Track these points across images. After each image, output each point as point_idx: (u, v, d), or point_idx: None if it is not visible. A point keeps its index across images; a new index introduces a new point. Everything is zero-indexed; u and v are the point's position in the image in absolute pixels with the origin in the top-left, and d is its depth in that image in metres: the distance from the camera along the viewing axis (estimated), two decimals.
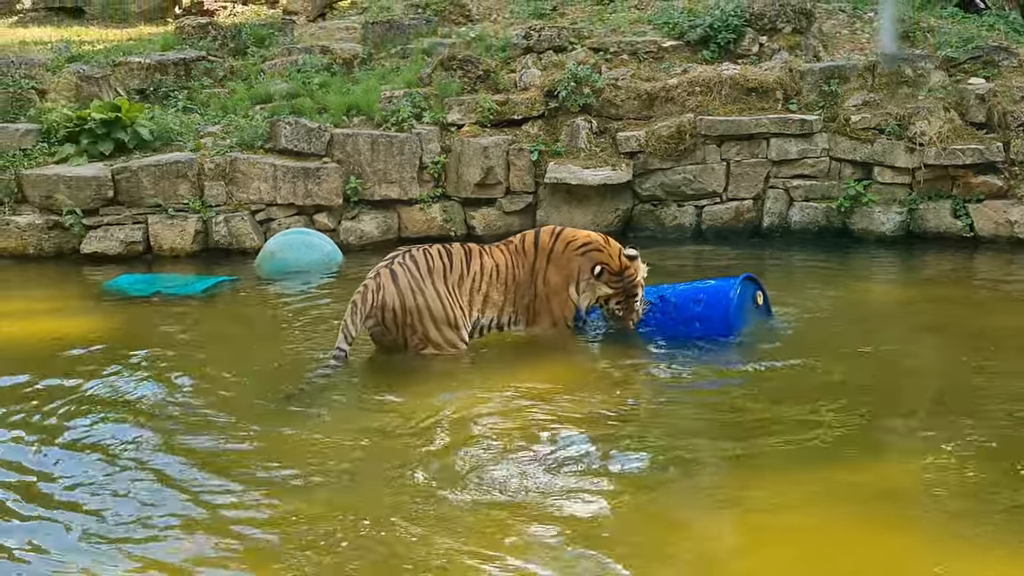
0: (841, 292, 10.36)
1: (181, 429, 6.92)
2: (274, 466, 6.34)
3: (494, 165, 12.50)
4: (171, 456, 6.47)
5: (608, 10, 15.09)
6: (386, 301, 7.97)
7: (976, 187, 12.14)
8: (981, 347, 8.59)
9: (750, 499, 5.92)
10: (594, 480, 6.17)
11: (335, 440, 6.74)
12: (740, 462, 6.45)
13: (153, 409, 7.28)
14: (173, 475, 6.19)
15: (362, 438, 6.78)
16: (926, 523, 5.70)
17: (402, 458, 6.43)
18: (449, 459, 6.41)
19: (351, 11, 17.42)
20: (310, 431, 6.84)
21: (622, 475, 6.22)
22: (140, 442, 6.70)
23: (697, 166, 12.57)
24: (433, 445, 6.65)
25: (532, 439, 6.72)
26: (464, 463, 6.34)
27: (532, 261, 8.40)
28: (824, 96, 12.74)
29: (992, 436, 6.79)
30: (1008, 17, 14.21)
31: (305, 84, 13.49)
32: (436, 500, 5.86)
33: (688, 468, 6.36)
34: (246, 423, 7.03)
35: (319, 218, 12.34)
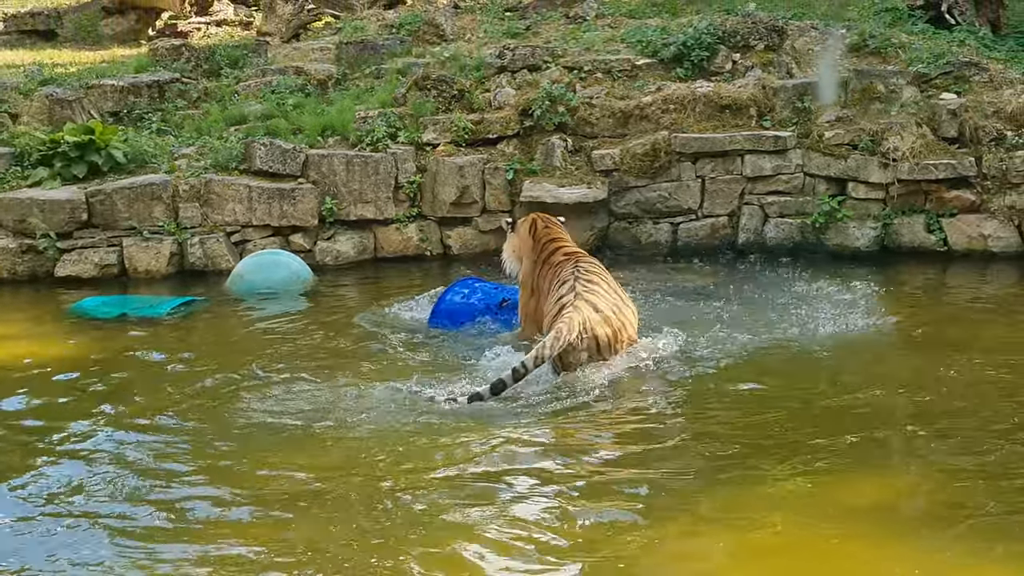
0: (816, 308, 10.37)
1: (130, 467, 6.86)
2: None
3: (470, 184, 12.50)
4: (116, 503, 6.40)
5: (581, 29, 15.12)
6: (597, 334, 7.97)
7: (949, 202, 12.21)
8: (958, 361, 8.65)
9: (736, 518, 5.96)
10: (583, 500, 6.18)
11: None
12: (725, 480, 6.47)
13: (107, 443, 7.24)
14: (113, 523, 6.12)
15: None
16: (909, 539, 5.74)
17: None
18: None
19: (325, 32, 17.41)
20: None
21: (608, 496, 6.23)
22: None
23: (672, 183, 12.60)
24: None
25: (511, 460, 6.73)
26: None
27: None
28: (797, 112, 12.80)
29: (972, 451, 6.84)
30: (978, 33, 14.29)
31: (280, 105, 13.48)
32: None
33: (671, 485, 6.37)
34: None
35: (295, 239, 12.32)
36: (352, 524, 5.93)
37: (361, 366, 8.73)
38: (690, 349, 8.75)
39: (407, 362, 8.79)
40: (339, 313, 10.60)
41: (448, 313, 9.76)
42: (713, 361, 8.55)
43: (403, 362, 8.82)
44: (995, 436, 7.06)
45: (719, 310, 10.09)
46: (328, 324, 10.13)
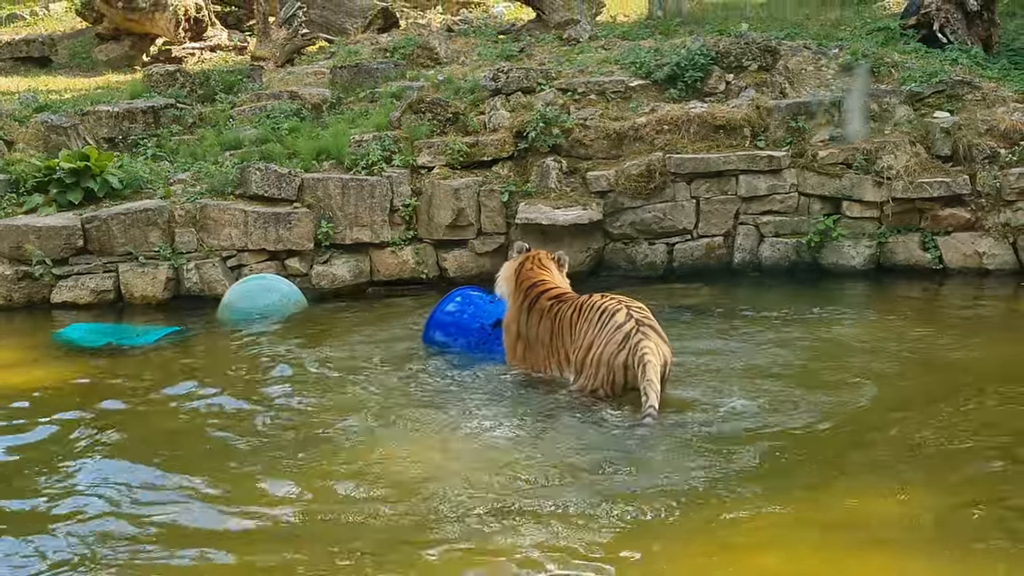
0: (812, 327, 10.40)
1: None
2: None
3: (465, 207, 12.51)
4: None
5: (575, 51, 15.17)
6: (667, 356, 7.97)
7: (944, 220, 12.25)
8: (952, 379, 8.67)
9: (723, 534, 5.97)
10: (573, 518, 6.18)
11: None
12: (713, 495, 6.47)
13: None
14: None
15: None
16: (893, 556, 5.74)
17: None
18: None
19: (319, 56, 17.47)
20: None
21: (598, 515, 6.22)
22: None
23: (667, 204, 12.62)
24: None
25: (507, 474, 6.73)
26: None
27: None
28: (791, 132, 12.84)
29: (961, 468, 6.86)
30: (970, 51, 14.34)
31: (275, 129, 13.51)
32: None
33: (658, 502, 6.37)
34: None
35: (291, 263, 12.32)
36: (357, 550, 5.93)
37: (354, 391, 8.73)
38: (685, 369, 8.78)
39: (400, 387, 8.78)
40: (334, 336, 10.59)
41: (441, 324, 9.76)
42: (705, 380, 8.61)
43: (396, 387, 8.82)
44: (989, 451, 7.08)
45: (715, 328, 10.14)
46: (322, 348, 10.11)
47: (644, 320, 8.03)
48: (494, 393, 8.49)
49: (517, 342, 8.81)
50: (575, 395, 8.17)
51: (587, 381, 8.09)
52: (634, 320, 7.98)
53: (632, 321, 7.97)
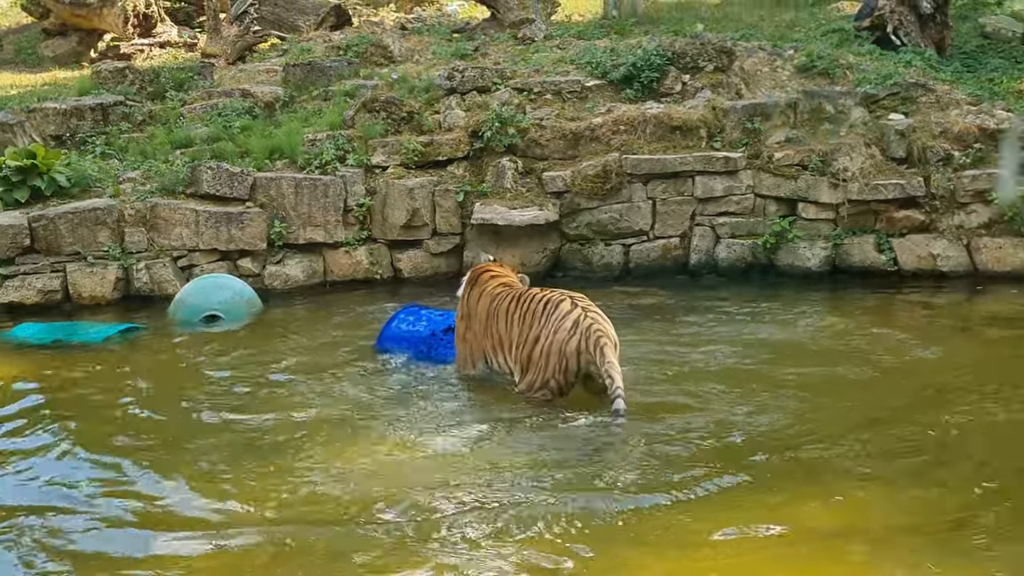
0: (769, 327, 10.41)
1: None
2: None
3: (420, 207, 12.40)
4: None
5: (530, 50, 15.09)
6: (616, 341, 7.98)
7: (899, 221, 12.27)
8: (907, 381, 8.72)
9: (685, 536, 5.97)
10: (534, 521, 6.11)
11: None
12: (674, 498, 6.46)
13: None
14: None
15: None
16: (856, 558, 5.76)
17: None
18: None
19: (271, 54, 17.27)
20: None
21: (560, 517, 6.16)
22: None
23: (623, 205, 12.56)
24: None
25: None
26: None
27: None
28: (747, 133, 12.82)
29: (920, 472, 6.89)
30: (924, 54, 14.39)
31: (226, 128, 13.32)
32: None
33: (620, 507, 6.33)
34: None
35: (243, 263, 12.15)
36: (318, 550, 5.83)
37: (306, 393, 8.64)
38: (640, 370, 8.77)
39: (353, 389, 8.71)
40: (286, 337, 10.47)
41: (394, 338, 9.68)
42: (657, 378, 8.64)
43: (349, 389, 8.75)
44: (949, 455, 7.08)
45: (670, 330, 10.19)
46: (274, 349, 9.99)
47: (589, 307, 8.04)
48: (453, 395, 8.46)
49: (461, 321, 8.84)
50: (524, 395, 8.13)
51: (536, 375, 8.04)
52: (580, 308, 7.98)
53: (578, 308, 7.97)
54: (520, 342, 8.19)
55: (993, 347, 9.97)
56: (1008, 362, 9.35)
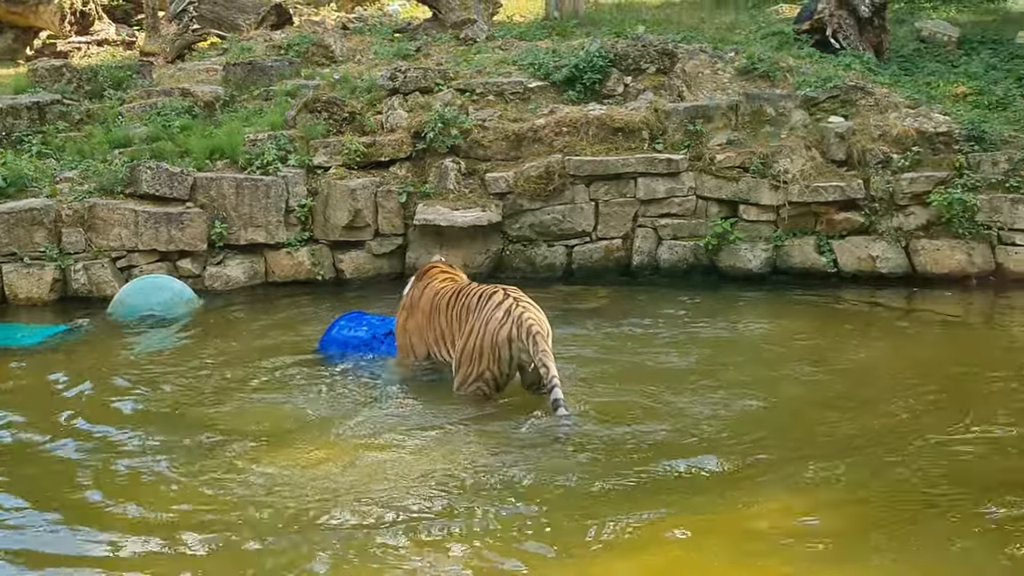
0: (711, 328, 10.47)
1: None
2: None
3: (362, 208, 12.35)
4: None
5: (472, 51, 15.06)
6: (549, 331, 8.00)
7: (839, 223, 12.37)
8: (847, 380, 8.82)
9: (634, 538, 5.97)
10: (475, 526, 6.10)
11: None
12: (622, 500, 6.45)
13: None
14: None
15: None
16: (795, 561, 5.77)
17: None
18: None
19: (211, 52, 17.11)
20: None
21: (502, 521, 6.16)
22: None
23: (566, 206, 12.57)
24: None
25: None
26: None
27: None
28: (689, 135, 12.88)
29: (860, 471, 6.94)
30: (863, 57, 14.54)
31: (166, 127, 13.18)
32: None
33: (564, 512, 6.32)
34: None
35: (183, 264, 12.04)
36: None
37: (247, 396, 8.57)
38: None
39: (292, 393, 8.62)
40: (226, 339, 10.37)
41: (336, 341, 9.64)
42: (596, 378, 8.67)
43: (291, 389, 8.69)
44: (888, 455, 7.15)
45: (610, 331, 10.24)
46: (214, 351, 9.90)
47: (521, 298, 8.08)
48: (395, 399, 8.38)
49: (403, 311, 8.88)
50: (459, 391, 8.12)
51: (471, 367, 8.04)
52: (512, 298, 8.02)
53: (510, 299, 8.01)
54: (454, 333, 8.24)
55: (929, 347, 10.08)
56: (943, 363, 9.44)
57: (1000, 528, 6.08)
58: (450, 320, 8.33)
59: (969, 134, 12.37)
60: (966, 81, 14.08)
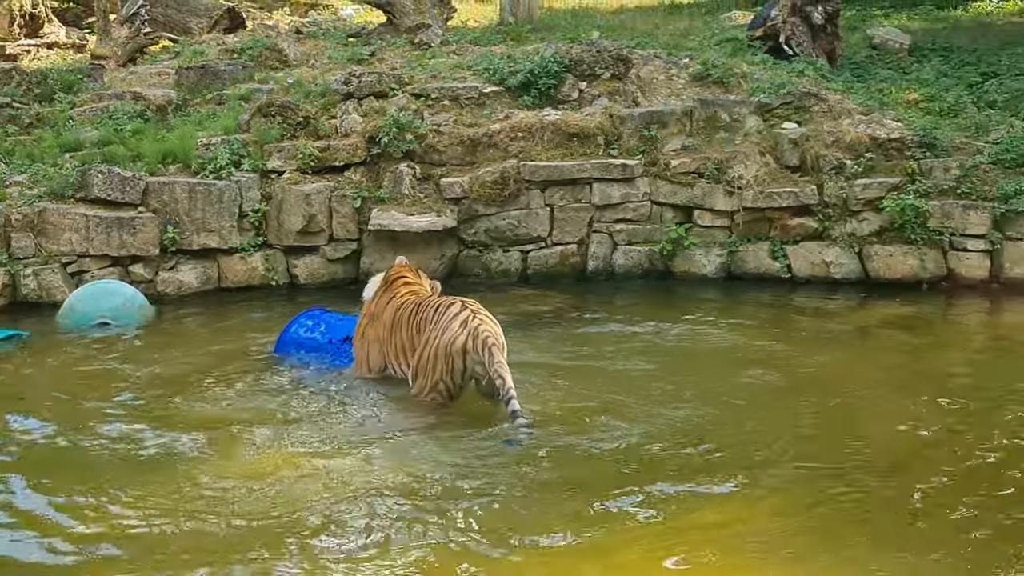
0: (666, 334, 10.49)
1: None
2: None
3: (316, 212, 12.28)
4: None
5: (427, 56, 15.02)
6: (504, 344, 7.95)
7: (792, 229, 12.44)
8: (801, 385, 8.89)
9: (584, 547, 5.98)
10: (423, 536, 6.10)
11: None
12: (574, 508, 6.45)
13: None
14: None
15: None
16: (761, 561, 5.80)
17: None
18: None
19: (163, 56, 16.96)
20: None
21: (452, 530, 6.15)
22: None
23: (521, 211, 12.56)
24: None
25: None
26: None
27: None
28: (644, 141, 12.90)
29: (816, 475, 6.98)
30: (816, 64, 14.63)
31: (117, 131, 13.03)
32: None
33: (518, 516, 6.30)
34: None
35: (135, 269, 11.91)
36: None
37: (195, 403, 8.49)
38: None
39: (245, 400, 8.55)
40: (178, 345, 10.26)
41: (293, 343, 9.58)
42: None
43: (242, 397, 8.61)
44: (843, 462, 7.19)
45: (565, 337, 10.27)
46: (165, 357, 9.79)
47: (479, 310, 8.04)
48: (349, 407, 8.32)
49: (365, 318, 8.81)
50: (417, 399, 8.08)
51: (426, 378, 8.01)
52: (469, 310, 7.99)
53: (467, 310, 7.98)
54: (414, 347, 8.19)
55: (882, 352, 10.16)
56: (895, 366, 9.52)
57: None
58: (410, 334, 8.27)
59: (921, 140, 12.48)
60: (918, 88, 14.21)
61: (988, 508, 6.45)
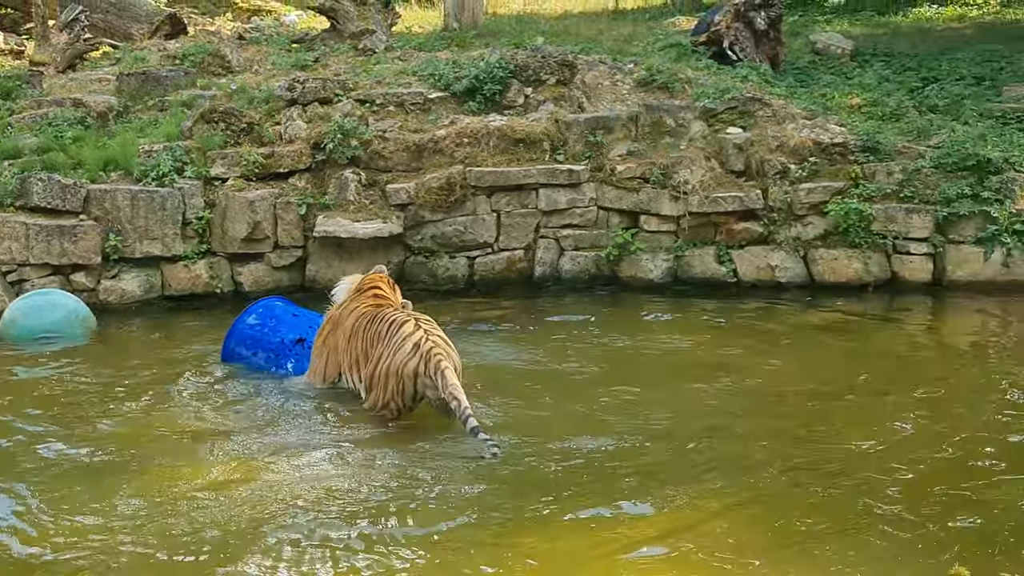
0: (612, 338, 10.50)
1: None
2: None
3: (261, 219, 12.17)
4: None
5: (371, 61, 14.94)
6: (458, 366, 7.88)
7: (738, 233, 12.49)
8: (747, 388, 8.98)
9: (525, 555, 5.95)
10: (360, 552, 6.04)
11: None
12: (522, 518, 6.46)
13: None
14: None
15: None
16: None
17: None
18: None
19: (104, 62, 16.76)
20: None
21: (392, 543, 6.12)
22: None
23: (468, 217, 12.52)
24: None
25: None
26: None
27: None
28: (590, 146, 12.91)
29: (765, 479, 7.05)
30: (760, 69, 14.71)
31: (57, 138, 12.85)
32: None
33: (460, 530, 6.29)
34: None
35: (76, 278, 11.75)
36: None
37: (137, 411, 8.42)
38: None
39: (187, 411, 8.46)
40: (120, 355, 10.15)
41: (241, 339, 9.50)
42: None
43: (187, 407, 8.53)
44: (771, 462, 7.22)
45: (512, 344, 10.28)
46: (107, 366, 9.66)
47: (432, 331, 7.97)
48: (296, 418, 8.23)
49: (328, 323, 8.69)
50: (369, 413, 8.04)
51: (378, 395, 7.95)
52: (423, 330, 7.90)
53: (421, 331, 7.89)
54: (366, 361, 8.10)
55: (827, 354, 10.23)
56: (838, 369, 9.59)
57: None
58: (364, 346, 8.19)
59: (864, 145, 12.58)
60: (860, 92, 14.33)
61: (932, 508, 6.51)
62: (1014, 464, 7.24)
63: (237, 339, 9.56)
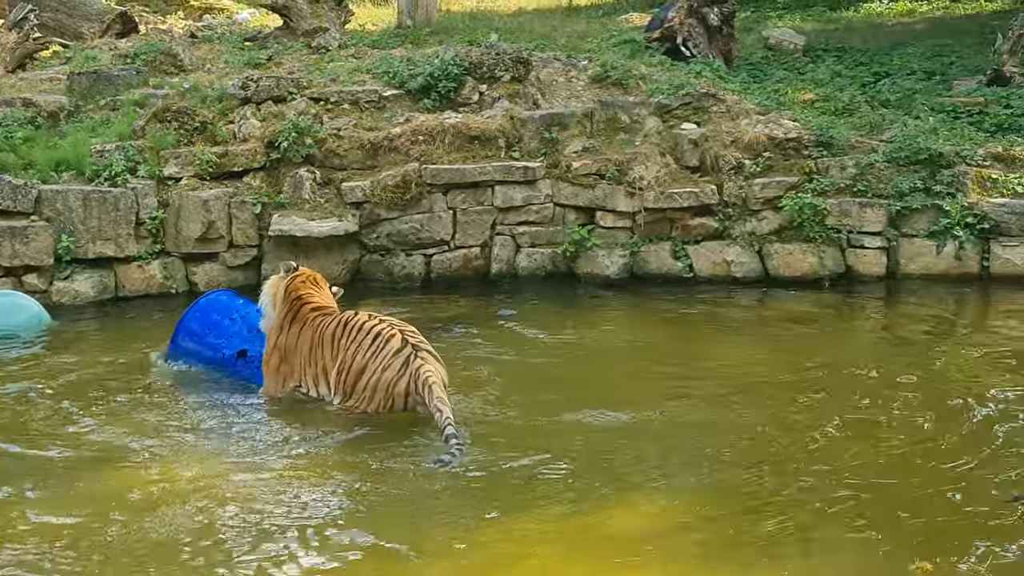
0: (569, 335, 10.52)
1: None
2: None
3: (215, 219, 12.10)
4: None
5: (325, 59, 14.87)
6: (445, 379, 7.83)
7: (694, 229, 12.54)
8: (704, 381, 9.02)
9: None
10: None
11: None
12: (462, 512, 6.50)
13: None
14: None
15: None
16: None
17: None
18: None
19: (54, 61, 16.58)
20: None
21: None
22: None
23: (424, 215, 12.50)
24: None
25: None
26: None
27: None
28: (545, 143, 12.92)
29: (728, 473, 7.06)
30: (713, 65, 14.77)
31: (7, 139, 12.69)
32: None
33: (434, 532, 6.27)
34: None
35: (28, 279, 11.63)
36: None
37: (88, 416, 8.31)
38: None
39: (141, 414, 8.37)
40: (72, 356, 10.01)
41: (189, 333, 9.42)
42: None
43: (140, 412, 8.44)
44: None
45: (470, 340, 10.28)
46: (58, 369, 9.55)
47: (420, 344, 7.92)
48: (254, 422, 8.16)
49: (274, 352, 8.48)
50: (340, 411, 7.99)
51: (359, 403, 7.90)
52: (410, 345, 7.85)
53: (409, 347, 7.84)
54: (343, 368, 8.00)
55: (784, 346, 10.30)
56: (794, 363, 9.65)
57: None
58: (335, 351, 8.07)
59: (818, 140, 12.66)
60: (813, 88, 14.43)
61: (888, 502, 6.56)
62: (973, 455, 7.30)
63: (186, 334, 9.46)
